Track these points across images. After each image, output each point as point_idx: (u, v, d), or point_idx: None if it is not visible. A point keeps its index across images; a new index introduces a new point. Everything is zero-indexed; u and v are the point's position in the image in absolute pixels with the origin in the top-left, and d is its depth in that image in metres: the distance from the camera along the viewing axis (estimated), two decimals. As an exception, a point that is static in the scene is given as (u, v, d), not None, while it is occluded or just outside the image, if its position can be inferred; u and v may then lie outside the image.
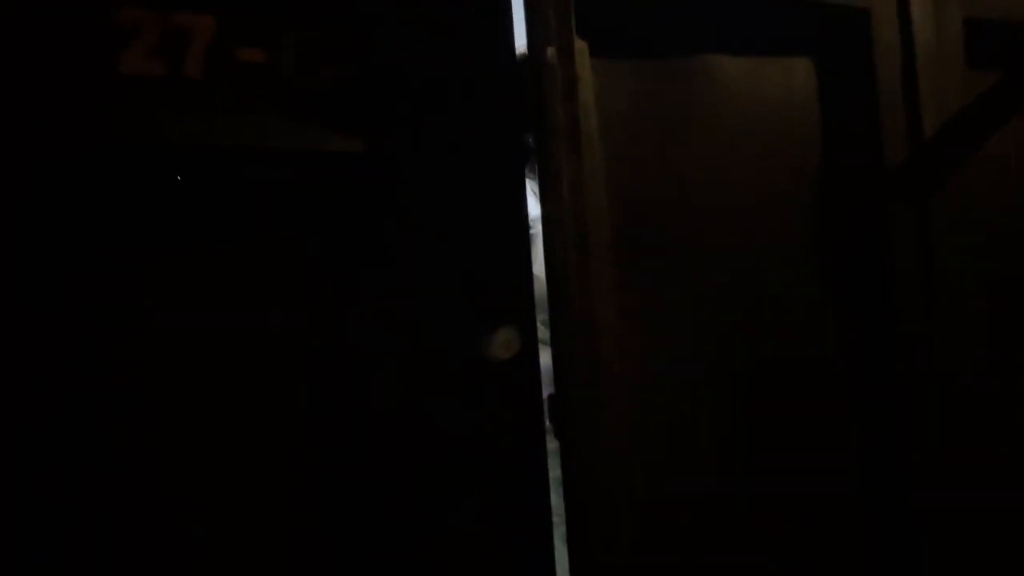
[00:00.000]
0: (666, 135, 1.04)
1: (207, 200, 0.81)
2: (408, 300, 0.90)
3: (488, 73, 0.95)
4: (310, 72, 0.88)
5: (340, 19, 0.89)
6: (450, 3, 0.94)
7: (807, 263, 1.12)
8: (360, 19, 0.90)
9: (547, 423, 1.03)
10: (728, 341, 1.06)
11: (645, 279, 1.02)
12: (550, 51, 0.91)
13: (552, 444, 1.04)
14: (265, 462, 0.84)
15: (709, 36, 1.07)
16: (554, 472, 1.03)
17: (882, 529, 1.13)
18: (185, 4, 0.83)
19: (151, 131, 0.77)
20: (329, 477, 0.86)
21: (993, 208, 1.20)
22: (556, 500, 1.01)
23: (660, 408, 1.02)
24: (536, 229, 1.17)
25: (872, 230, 1.13)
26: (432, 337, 0.92)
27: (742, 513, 1.04)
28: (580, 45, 0.96)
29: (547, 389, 1.02)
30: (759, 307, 1.08)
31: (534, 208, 1.14)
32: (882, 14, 1.14)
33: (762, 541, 1.05)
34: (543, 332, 1.02)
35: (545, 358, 1.01)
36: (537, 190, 0.97)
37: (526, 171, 1.05)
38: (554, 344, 0.92)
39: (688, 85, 1.06)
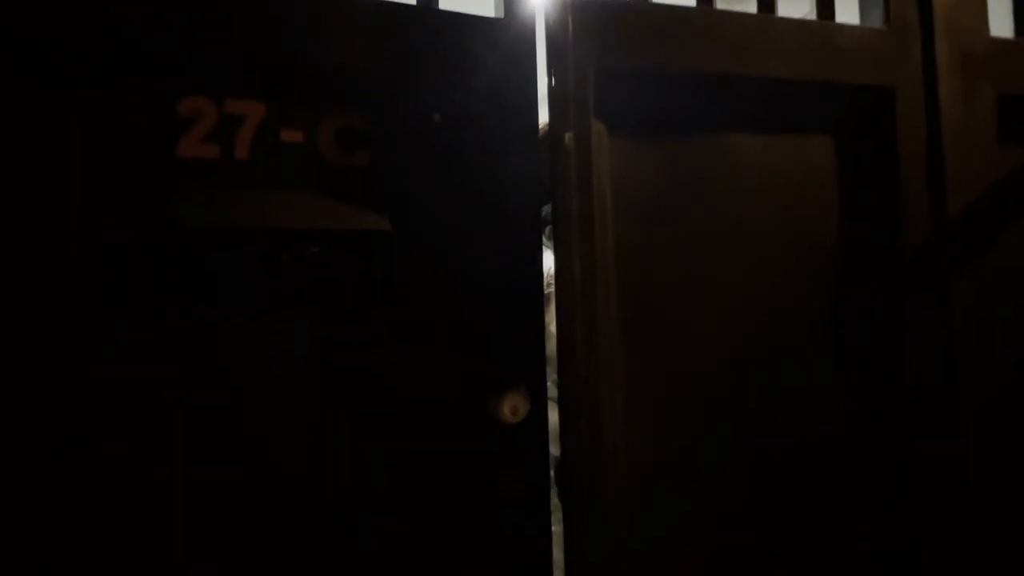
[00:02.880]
0: (681, 213, 1.07)
1: (238, 277, 0.90)
2: (422, 363, 0.97)
3: (509, 147, 1.01)
4: (343, 151, 0.96)
5: (369, 103, 0.96)
6: (474, 83, 1.00)
7: (820, 344, 1.13)
8: (386, 101, 0.97)
9: (552, 479, 1.09)
10: (734, 419, 1.08)
11: (652, 355, 1.05)
12: (568, 136, 0.97)
13: (556, 499, 1.10)
14: (270, 517, 0.91)
15: (727, 114, 1.10)
16: (556, 526, 1.08)
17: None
18: (238, 91, 0.92)
19: (206, 215, 0.87)
20: (336, 529, 0.94)
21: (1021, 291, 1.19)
22: (557, 554, 1.07)
23: (662, 479, 1.05)
24: (552, 287, 1.22)
25: (889, 313, 1.13)
26: (447, 395, 0.98)
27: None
28: (598, 128, 1.01)
29: (555, 444, 1.08)
30: (767, 386, 1.09)
31: (550, 265, 1.20)
32: (908, 93, 1.14)
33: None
34: (552, 391, 1.08)
35: (553, 416, 1.07)
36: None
37: (543, 235, 1.11)
38: (562, 416, 0.97)
39: (705, 163, 1.09)
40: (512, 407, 0.99)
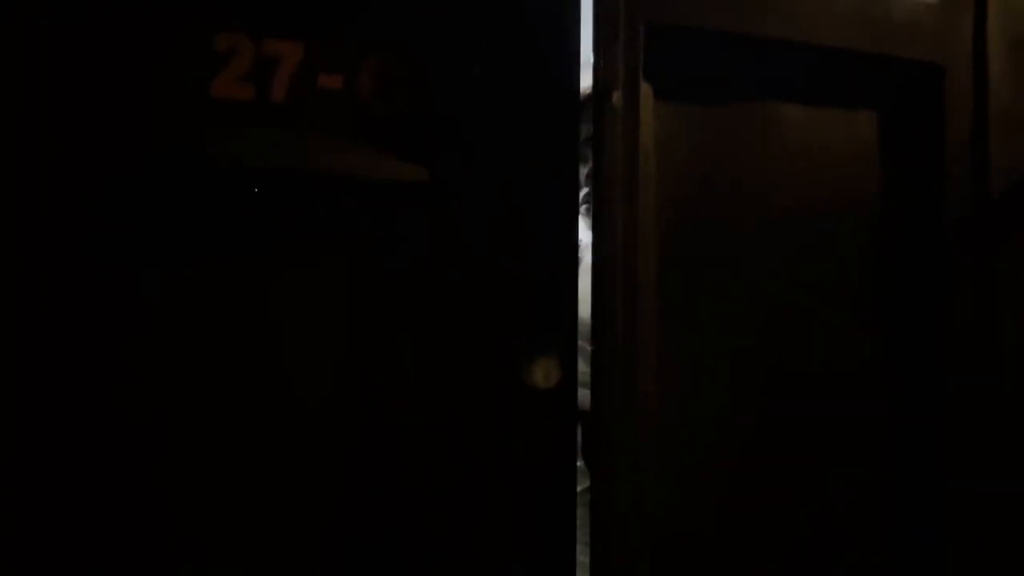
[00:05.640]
0: (722, 180, 1.05)
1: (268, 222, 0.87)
2: (454, 322, 0.95)
3: (550, 110, 0.98)
4: (382, 99, 0.93)
5: (409, 51, 0.93)
6: (516, 43, 0.97)
7: (858, 316, 1.12)
8: (426, 52, 0.94)
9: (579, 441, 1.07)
10: (767, 386, 1.07)
11: (689, 320, 1.03)
12: (615, 95, 0.94)
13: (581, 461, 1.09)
14: (300, 462, 0.89)
15: (775, 82, 1.07)
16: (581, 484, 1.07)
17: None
18: (276, 30, 0.89)
19: (237, 154, 0.83)
20: (362, 487, 0.92)
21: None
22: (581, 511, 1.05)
23: (692, 441, 1.04)
24: (584, 255, 1.20)
25: (931, 287, 1.12)
26: (477, 357, 0.96)
27: (765, 552, 1.06)
28: (645, 89, 0.98)
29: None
30: (803, 357, 1.09)
31: (584, 235, 1.18)
32: (957, 71, 1.11)
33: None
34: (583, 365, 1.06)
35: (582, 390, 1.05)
36: (589, 219, 1.01)
37: (579, 202, 1.08)
38: (594, 373, 0.95)
39: (749, 132, 1.06)
40: (544, 373, 0.97)
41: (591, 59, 0.98)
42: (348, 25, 0.91)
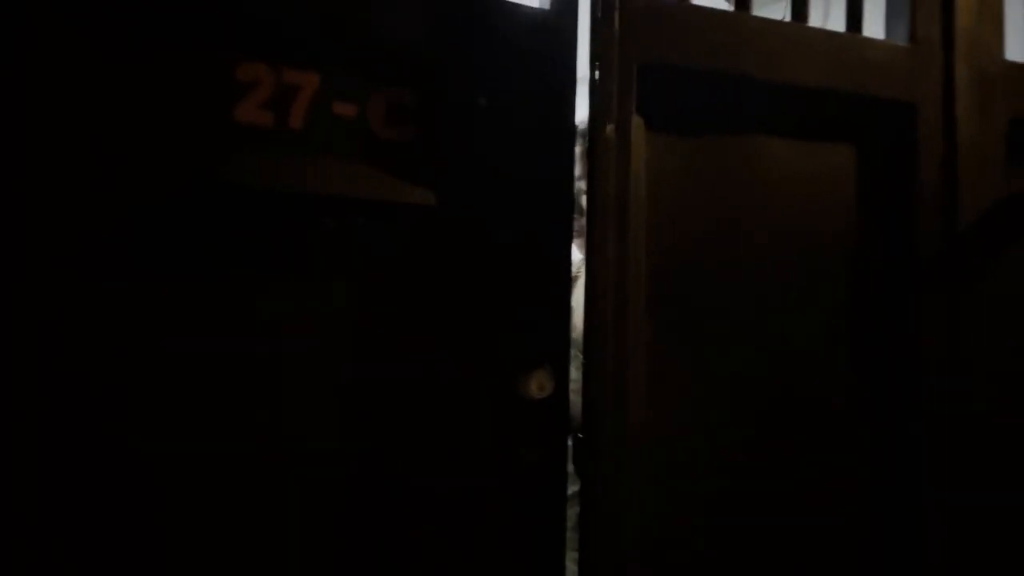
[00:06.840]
0: (708, 207, 1.12)
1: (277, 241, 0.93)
2: (455, 335, 1.01)
3: (546, 134, 1.05)
4: (392, 126, 0.99)
5: (418, 81, 1.00)
6: (517, 70, 1.04)
7: (835, 339, 1.18)
8: (434, 81, 1.00)
9: (570, 465, 1.13)
10: (753, 400, 1.13)
11: (675, 337, 1.09)
12: (609, 127, 1.01)
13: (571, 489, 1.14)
14: (303, 469, 0.94)
15: (758, 117, 1.14)
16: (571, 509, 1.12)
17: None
18: (295, 62, 0.95)
19: (256, 175, 0.89)
20: (363, 495, 0.97)
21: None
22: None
23: (681, 453, 1.10)
24: (577, 272, 1.27)
25: (902, 314, 1.19)
26: (476, 368, 1.02)
27: (751, 568, 1.11)
28: (637, 121, 1.05)
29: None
30: (784, 379, 1.15)
31: (577, 254, 1.24)
32: (927, 109, 1.19)
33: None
34: (573, 373, 1.12)
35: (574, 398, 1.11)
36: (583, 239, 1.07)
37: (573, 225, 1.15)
38: (585, 394, 1.01)
39: (733, 162, 1.13)
40: (539, 384, 1.03)
41: (588, 93, 1.05)
42: (363, 57, 0.98)
